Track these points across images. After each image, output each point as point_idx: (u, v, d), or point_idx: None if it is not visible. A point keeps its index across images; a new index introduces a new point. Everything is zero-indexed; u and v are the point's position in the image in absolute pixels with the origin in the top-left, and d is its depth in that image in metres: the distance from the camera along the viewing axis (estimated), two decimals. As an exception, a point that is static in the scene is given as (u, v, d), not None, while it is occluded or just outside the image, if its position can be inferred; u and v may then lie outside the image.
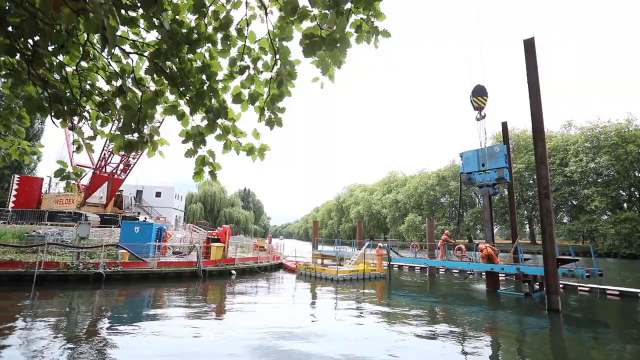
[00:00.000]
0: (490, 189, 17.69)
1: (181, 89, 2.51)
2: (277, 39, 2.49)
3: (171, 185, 54.70)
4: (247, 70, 2.72)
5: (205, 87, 2.61)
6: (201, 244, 19.82)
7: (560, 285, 13.52)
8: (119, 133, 2.47)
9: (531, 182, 58.14)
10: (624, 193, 53.07)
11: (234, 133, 2.82)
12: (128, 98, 2.44)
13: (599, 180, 52.51)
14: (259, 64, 2.74)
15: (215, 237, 20.15)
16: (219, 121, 2.75)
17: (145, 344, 7.31)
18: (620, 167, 49.47)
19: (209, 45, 2.59)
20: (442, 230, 43.89)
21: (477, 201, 67.51)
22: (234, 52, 2.71)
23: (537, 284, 14.78)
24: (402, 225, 79.51)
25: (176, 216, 54.84)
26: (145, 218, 31.51)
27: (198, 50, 2.57)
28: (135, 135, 2.47)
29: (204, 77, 2.61)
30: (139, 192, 51.12)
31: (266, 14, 2.46)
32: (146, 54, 2.49)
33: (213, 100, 2.68)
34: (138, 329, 8.32)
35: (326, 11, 2.15)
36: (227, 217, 70.55)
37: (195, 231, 34.23)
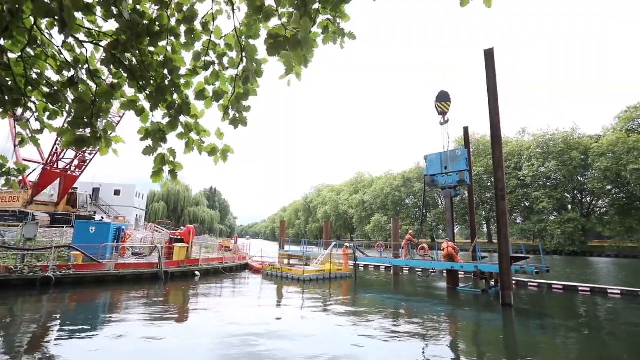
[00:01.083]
0: (452, 191, 18.51)
1: (141, 83, 2.38)
2: (243, 37, 2.44)
3: (132, 183, 52.07)
4: (212, 66, 2.63)
5: (166, 82, 2.50)
6: (163, 244, 19.05)
7: (513, 282, 14.42)
8: (68, 127, 2.29)
9: (489, 184, 61.51)
10: (568, 195, 57.64)
11: (197, 131, 2.71)
12: (80, 90, 2.28)
13: (547, 183, 56.62)
14: (225, 60, 2.67)
15: (179, 237, 19.43)
16: (182, 119, 2.63)
17: (99, 350, 6.89)
18: (566, 172, 53.73)
19: (172, 38, 2.48)
20: (406, 230, 45.35)
21: (440, 202, 70.26)
22: (198, 46, 2.62)
23: (493, 280, 15.66)
24: (368, 225, 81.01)
25: (137, 215, 52.28)
26: (102, 217, 29.75)
27: (160, 44, 2.46)
28: (88, 130, 2.30)
29: (165, 71, 2.50)
30: (96, 190, 48.20)
31: (233, 10, 2.40)
32: (103, 44, 2.34)
33: (175, 96, 2.57)
34: (91, 335, 7.83)
35: (292, 10, 2.15)
36: (191, 217, 68.29)
37: (157, 231, 32.83)
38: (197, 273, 17.65)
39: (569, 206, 57.51)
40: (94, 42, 2.39)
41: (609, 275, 23.83)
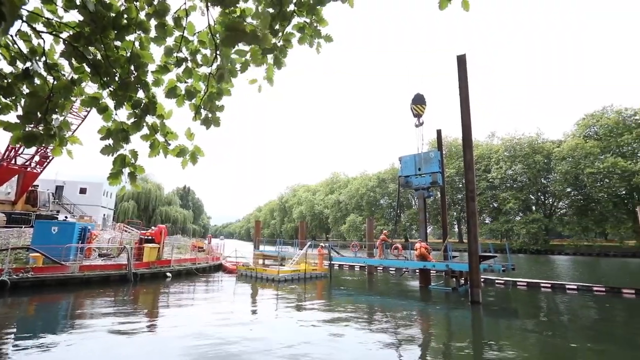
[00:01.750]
0: (425, 192, 18.97)
1: (105, 79, 2.25)
2: (217, 35, 2.37)
3: (99, 181, 49.73)
4: (184, 63, 2.53)
5: (132, 78, 2.37)
6: (133, 244, 18.33)
7: (482, 280, 14.98)
8: (18, 122, 2.11)
9: (460, 186, 63.64)
10: (532, 197, 60.75)
11: (163, 132, 2.59)
12: (36, 84, 2.12)
13: (514, 185, 59.39)
14: (198, 57, 2.57)
15: (149, 237, 18.76)
16: (147, 119, 2.49)
17: (60, 357, 6.52)
18: (531, 175, 56.63)
19: (141, 33, 2.37)
20: (381, 230, 46.08)
21: (414, 203, 71.93)
22: (170, 41, 2.51)
23: (463, 279, 16.20)
24: (343, 225, 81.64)
25: (104, 215, 50.04)
26: (66, 217, 28.23)
27: (127, 38, 2.33)
28: (41, 126, 2.13)
29: (132, 67, 2.37)
30: (59, 188, 45.75)
31: (207, 7, 2.33)
32: (63, 35, 2.19)
33: (141, 94, 2.44)
34: (50, 345, 7.38)
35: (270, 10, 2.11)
36: (163, 216, 66.15)
37: (126, 231, 31.57)
38: (169, 274, 17.13)
39: (533, 207, 60.61)
40: (54, 33, 2.23)
41: (567, 272, 25.28)
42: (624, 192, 48.97)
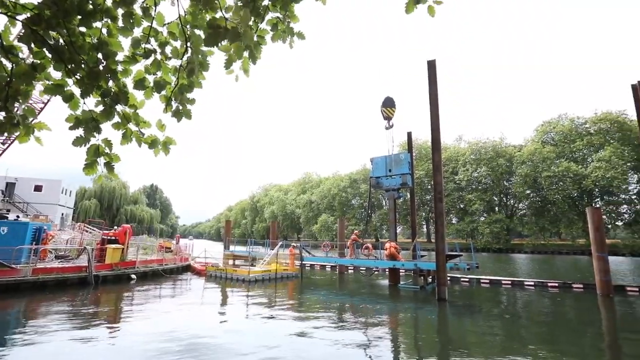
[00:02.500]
0: (396, 193, 19.42)
1: (70, 66, 2.14)
2: (188, 26, 2.32)
3: (57, 178, 46.77)
4: (153, 55, 2.45)
5: (101, 67, 2.27)
6: (94, 245, 17.40)
7: (448, 278, 15.56)
8: None
9: (429, 187, 65.68)
10: (496, 198, 63.88)
11: (136, 122, 2.50)
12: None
13: (479, 187, 62.11)
14: (168, 50, 2.50)
15: (113, 237, 17.87)
16: (119, 108, 2.41)
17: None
18: (494, 177, 59.57)
19: (108, 20, 2.27)
20: (352, 230, 46.68)
21: (384, 203, 73.38)
22: (138, 32, 2.42)
23: (430, 277, 16.74)
24: (315, 225, 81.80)
25: (63, 214, 47.13)
26: (18, 216, 26.30)
27: (94, 25, 2.23)
28: (2, 114, 2.00)
29: (99, 55, 2.27)
30: (11, 185, 42.59)
31: (178, -4, 2.28)
32: (20, 17, 2.05)
33: (111, 83, 2.35)
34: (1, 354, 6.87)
35: (241, 4, 2.09)
36: (128, 216, 63.28)
37: (87, 231, 29.91)
38: (133, 276, 16.42)
39: (496, 208, 63.74)
40: (9, 14, 2.08)
41: (526, 269, 26.81)
42: (575, 195, 52.65)
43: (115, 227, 21.18)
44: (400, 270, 18.70)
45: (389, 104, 19.91)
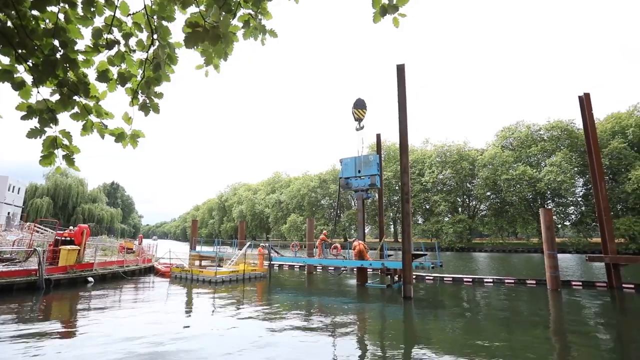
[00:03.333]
0: (364, 193, 19.75)
1: (20, 51, 1.98)
2: (155, 17, 2.23)
3: (4, 174, 43.20)
4: (116, 46, 2.33)
5: (58, 56, 2.12)
6: (46, 247, 16.24)
7: (413, 276, 16.06)
8: None
9: (397, 188, 67.45)
10: (459, 200, 66.84)
11: (98, 113, 2.37)
12: None
13: (444, 189, 64.66)
14: (132, 41, 2.39)
15: (68, 238, 16.78)
16: (79, 99, 2.27)
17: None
18: (458, 179, 62.30)
19: (65, 5, 2.12)
20: (321, 230, 46.75)
21: (353, 204, 74.41)
22: (99, 21, 2.29)
23: (397, 276, 17.19)
24: (284, 225, 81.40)
25: (9, 213, 43.61)
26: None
27: (48, 9, 2.08)
28: None
29: (56, 42, 2.12)
30: (-51, 181, 38.79)
31: (144, -15, 2.18)
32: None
33: (69, 73, 2.20)
34: None
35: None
36: (86, 215, 59.61)
37: (38, 232, 27.89)
38: (90, 279, 15.51)
39: (460, 209, 66.64)
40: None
41: (486, 267, 28.26)
42: (530, 197, 56.23)
43: (71, 227, 19.87)
44: (368, 270, 19.05)
45: (360, 106, 20.22)
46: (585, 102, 18.80)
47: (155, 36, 2.28)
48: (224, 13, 2.07)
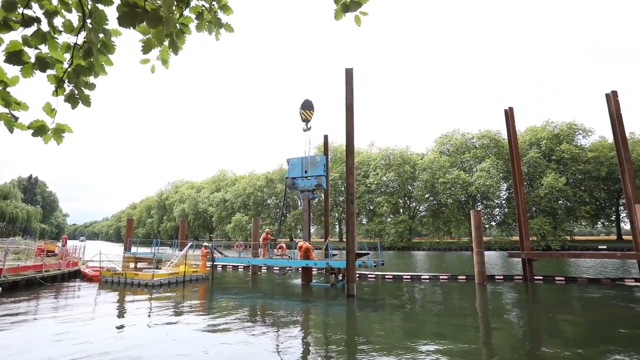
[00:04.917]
0: (310, 194, 19.93)
1: None
2: (89, -1, 2.02)
3: None
4: (35, 24, 2.05)
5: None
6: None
7: (357, 275, 16.59)
8: None
9: (342, 189, 69.17)
10: (401, 201, 70.57)
11: (7, 103, 2.07)
12: None
13: (387, 190, 67.78)
14: (58, 22, 2.13)
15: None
16: None
17: None
18: (400, 182, 65.81)
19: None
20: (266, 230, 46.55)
21: (299, 204, 74.68)
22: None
23: (341, 275, 17.62)
24: (228, 224, 79.07)
25: None
26: None
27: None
28: None
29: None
30: None
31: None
32: None
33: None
34: None
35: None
36: (-6, 214, 52.10)
37: None
38: (-1, 287, 13.59)
39: (401, 210, 70.35)
40: None
41: (423, 265, 30.20)
42: (463, 199, 61.33)
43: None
44: (313, 269, 19.27)
45: (307, 107, 20.35)
46: (509, 115, 21.00)
47: (88, 20, 2.07)
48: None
